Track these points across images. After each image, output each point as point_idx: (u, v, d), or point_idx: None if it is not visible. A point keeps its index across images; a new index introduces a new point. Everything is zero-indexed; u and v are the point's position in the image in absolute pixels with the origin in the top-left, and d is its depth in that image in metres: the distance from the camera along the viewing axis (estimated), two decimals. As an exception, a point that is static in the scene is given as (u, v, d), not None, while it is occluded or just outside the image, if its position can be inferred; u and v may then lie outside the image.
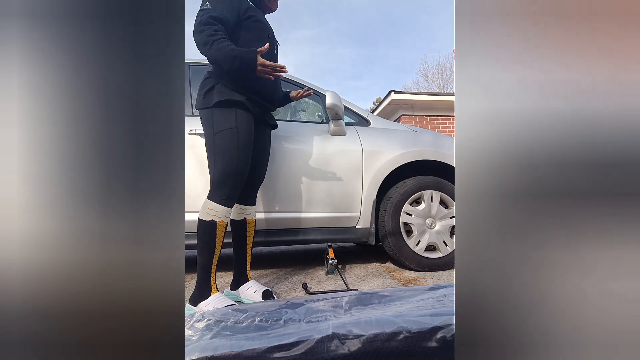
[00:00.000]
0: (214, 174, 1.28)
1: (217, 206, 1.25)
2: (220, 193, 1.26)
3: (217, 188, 1.26)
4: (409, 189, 1.84)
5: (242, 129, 1.28)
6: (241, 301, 1.41)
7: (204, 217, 1.25)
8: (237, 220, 1.44)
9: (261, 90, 1.33)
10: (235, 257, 1.47)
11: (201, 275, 1.25)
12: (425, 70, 28.01)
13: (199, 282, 1.25)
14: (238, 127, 1.27)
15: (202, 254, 1.26)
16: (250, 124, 1.31)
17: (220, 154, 1.26)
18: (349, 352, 0.64)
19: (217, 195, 1.26)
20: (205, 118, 1.30)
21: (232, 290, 1.45)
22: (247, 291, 1.40)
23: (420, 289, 1.02)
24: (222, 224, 1.26)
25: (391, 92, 6.22)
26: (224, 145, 1.25)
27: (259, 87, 1.32)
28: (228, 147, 1.25)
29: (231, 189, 1.27)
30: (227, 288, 1.48)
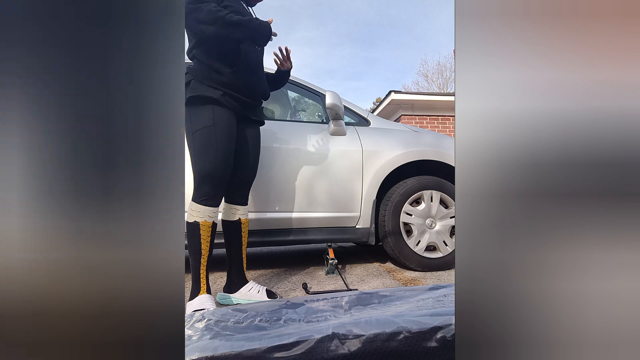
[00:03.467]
0: (196, 173, 1.25)
1: (199, 206, 1.24)
2: (201, 193, 1.24)
3: (198, 188, 1.25)
4: (409, 189, 1.84)
5: (220, 127, 1.24)
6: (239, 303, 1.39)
7: (188, 219, 1.25)
8: (231, 221, 1.41)
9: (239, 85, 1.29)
10: (230, 259, 1.43)
11: (193, 276, 1.26)
12: (425, 70, 28.04)
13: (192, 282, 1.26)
14: (215, 125, 1.24)
15: (190, 255, 1.26)
16: (229, 120, 1.27)
17: (199, 153, 1.23)
18: (349, 352, 0.64)
19: (198, 196, 1.25)
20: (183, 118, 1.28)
21: (227, 293, 1.41)
22: (249, 292, 1.39)
23: (420, 289, 1.02)
24: (207, 224, 1.24)
25: (391, 92, 6.22)
26: (202, 144, 1.23)
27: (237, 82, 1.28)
28: (206, 146, 1.23)
29: (212, 188, 1.25)
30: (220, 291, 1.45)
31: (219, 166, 1.24)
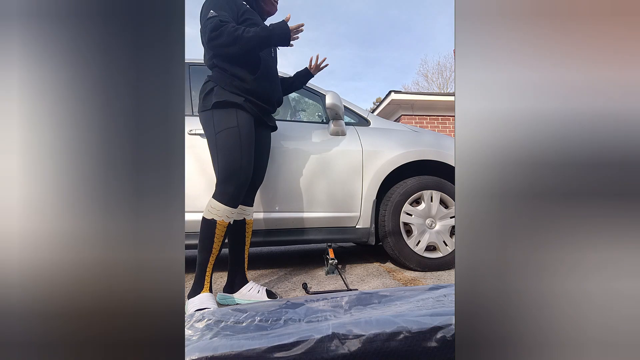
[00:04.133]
0: (218, 174, 1.28)
1: (219, 205, 1.25)
2: (223, 192, 1.26)
3: (221, 187, 1.26)
4: (409, 189, 1.84)
5: (243, 129, 1.28)
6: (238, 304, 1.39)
7: (206, 215, 1.26)
8: (238, 220, 1.43)
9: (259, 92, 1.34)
10: (232, 259, 1.44)
11: (197, 272, 1.26)
12: (425, 70, 28.03)
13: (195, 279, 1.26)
14: (240, 127, 1.28)
15: (200, 251, 1.26)
16: (251, 124, 1.32)
17: (223, 152, 1.26)
18: (349, 352, 0.64)
19: (220, 194, 1.26)
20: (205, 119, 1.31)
21: (228, 293, 1.42)
22: (249, 292, 1.39)
23: (420, 289, 1.02)
24: (223, 224, 1.26)
25: (391, 92, 6.22)
26: (227, 144, 1.26)
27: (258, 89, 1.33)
28: (231, 146, 1.26)
29: (235, 188, 1.27)
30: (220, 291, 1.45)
31: (244, 166, 1.27)
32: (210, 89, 1.31)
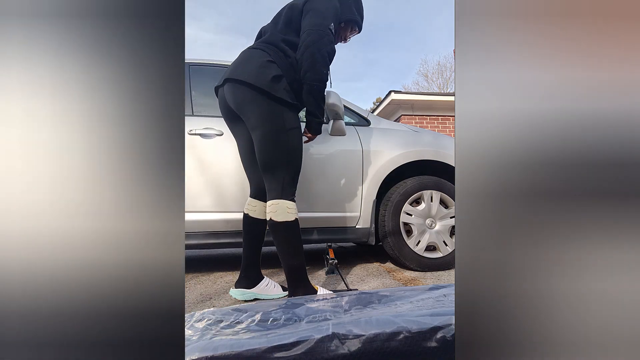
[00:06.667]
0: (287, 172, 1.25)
1: (293, 204, 1.25)
2: (293, 191, 1.27)
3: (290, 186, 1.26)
4: (409, 189, 1.84)
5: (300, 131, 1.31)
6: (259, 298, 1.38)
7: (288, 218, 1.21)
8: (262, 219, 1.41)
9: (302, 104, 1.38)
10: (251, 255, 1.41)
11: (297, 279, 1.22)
12: (425, 70, 28.04)
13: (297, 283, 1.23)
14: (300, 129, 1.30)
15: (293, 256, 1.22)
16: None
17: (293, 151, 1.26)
18: (349, 352, 0.64)
19: (290, 194, 1.26)
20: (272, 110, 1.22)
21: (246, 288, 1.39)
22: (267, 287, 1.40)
23: (420, 289, 1.02)
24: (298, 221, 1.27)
25: (391, 92, 6.22)
26: (296, 144, 1.27)
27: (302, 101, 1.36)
28: (298, 146, 1.27)
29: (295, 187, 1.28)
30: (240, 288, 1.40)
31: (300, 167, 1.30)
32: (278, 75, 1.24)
